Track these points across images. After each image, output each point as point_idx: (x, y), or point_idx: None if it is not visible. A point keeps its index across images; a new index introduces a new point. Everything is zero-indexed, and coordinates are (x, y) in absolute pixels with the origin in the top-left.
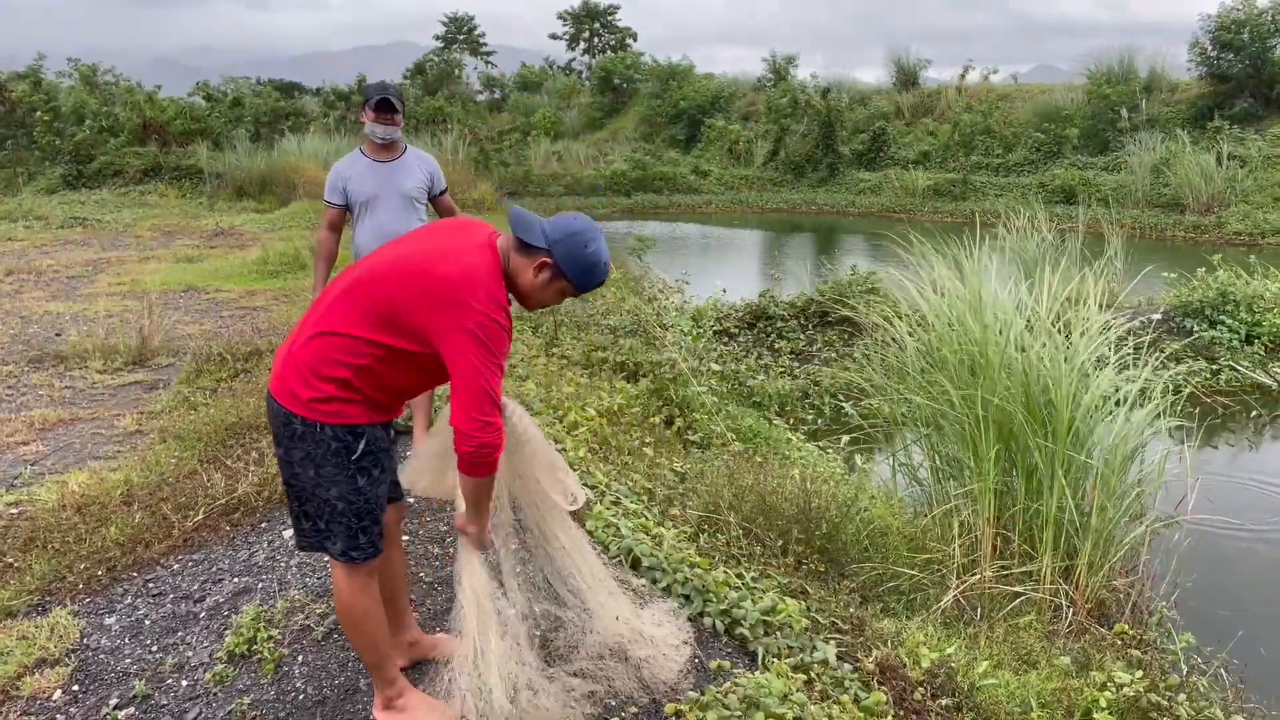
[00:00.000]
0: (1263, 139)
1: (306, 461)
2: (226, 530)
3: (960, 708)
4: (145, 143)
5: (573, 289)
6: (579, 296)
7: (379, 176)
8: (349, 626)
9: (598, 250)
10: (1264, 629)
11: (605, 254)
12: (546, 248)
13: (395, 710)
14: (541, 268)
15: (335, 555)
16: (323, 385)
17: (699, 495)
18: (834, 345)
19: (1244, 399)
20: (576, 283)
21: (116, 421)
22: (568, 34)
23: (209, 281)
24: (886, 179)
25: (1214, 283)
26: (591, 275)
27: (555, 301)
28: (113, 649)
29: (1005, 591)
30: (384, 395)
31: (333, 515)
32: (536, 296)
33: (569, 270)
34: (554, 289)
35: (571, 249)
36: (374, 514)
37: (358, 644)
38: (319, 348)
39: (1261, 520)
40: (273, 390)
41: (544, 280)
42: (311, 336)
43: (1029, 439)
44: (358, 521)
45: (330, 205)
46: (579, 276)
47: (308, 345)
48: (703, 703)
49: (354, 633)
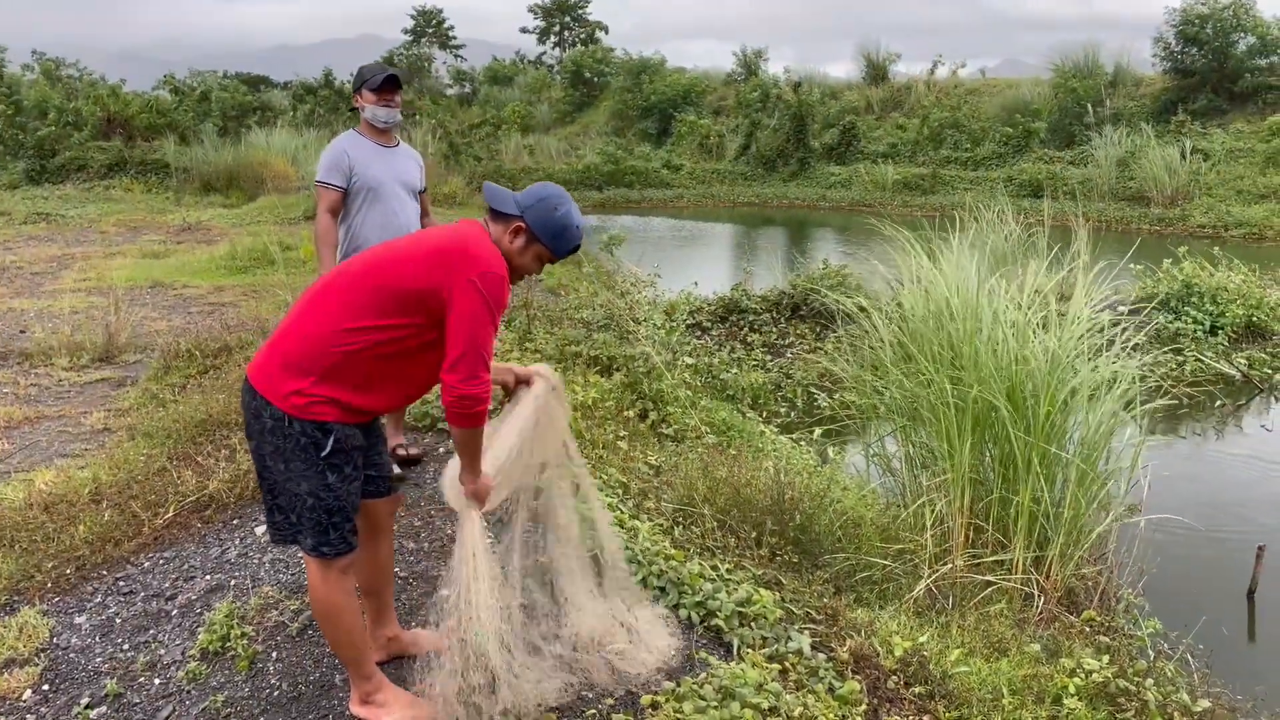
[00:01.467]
0: (1225, 133)
1: (276, 455)
2: (198, 527)
3: (933, 696)
4: (110, 137)
5: (548, 252)
6: (555, 261)
7: (386, 162)
8: (323, 621)
9: (568, 213)
10: (1227, 613)
11: (576, 217)
12: (519, 214)
13: (373, 705)
14: (516, 233)
15: (307, 550)
16: (301, 379)
17: (674, 488)
18: (806, 338)
19: (1208, 389)
20: (550, 246)
21: (84, 419)
22: (538, 28)
23: (176, 277)
24: (857, 173)
25: (1179, 275)
26: (564, 237)
27: (536, 268)
28: (83, 648)
29: (977, 580)
30: (362, 395)
31: (303, 510)
32: (516, 263)
33: (541, 234)
34: (531, 254)
35: (542, 213)
36: (344, 511)
37: (332, 639)
38: (309, 339)
39: (1222, 507)
40: (250, 377)
41: (520, 246)
42: (303, 328)
43: (1007, 430)
44: (328, 518)
45: (331, 187)
46: (552, 239)
47: (297, 336)
48: (679, 694)
49: (328, 627)
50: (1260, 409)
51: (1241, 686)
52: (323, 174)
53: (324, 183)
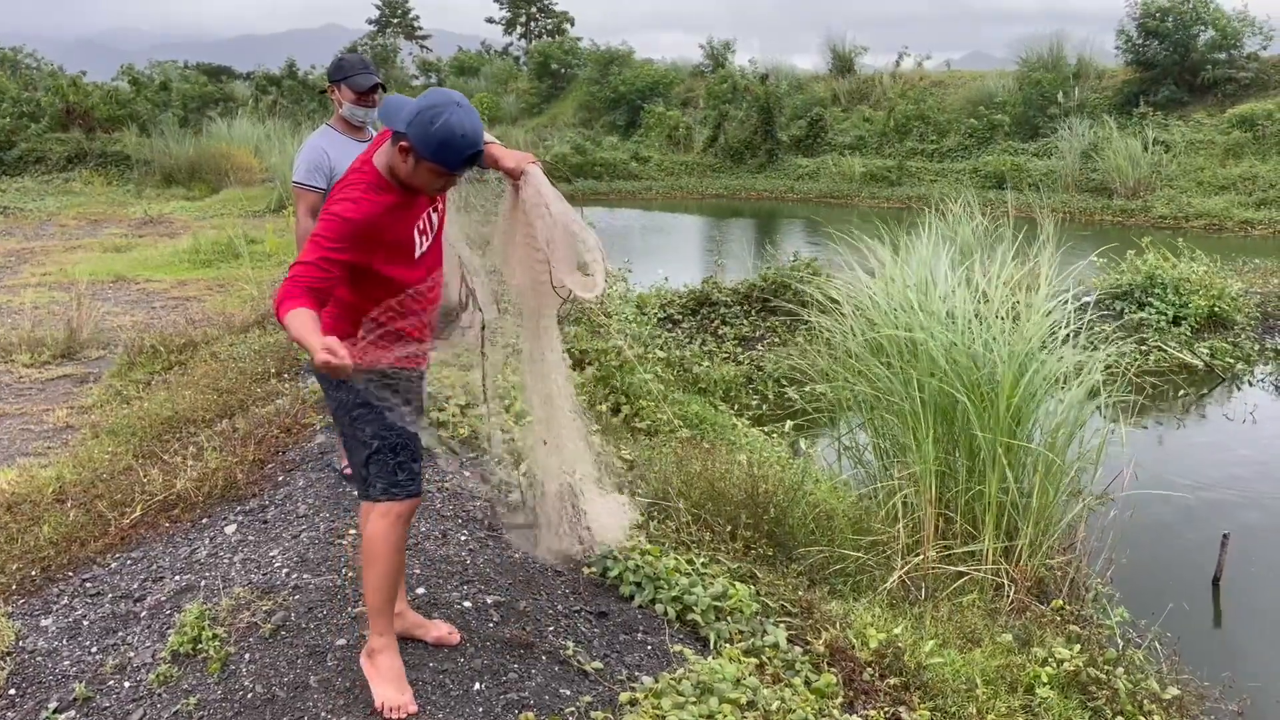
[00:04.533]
0: (1186, 125)
1: (340, 408)
2: (166, 527)
3: (908, 686)
4: (69, 128)
5: (439, 168)
6: (457, 174)
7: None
8: (367, 564)
9: (448, 122)
10: (1193, 600)
11: (463, 124)
12: (404, 131)
13: (372, 663)
14: (404, 153)
15: (377, 496)
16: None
17: (648, 482)
18: (777, 331)
19: (1172, 378)
20: (434, 160)
21: (46, 417)
22: (504, 18)
23: (139, 271)
24: (824, 165)
25: (1142, 266)
26: (445, 150)
27: (439, 184)
28: (50, 651)
29: (948, 571)
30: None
31: (370, 456)
32: (414, 183)
33: (424, 150)
34: (423, 171)
35: (420, 127)
36: (409, 449)
37: (367, 584)
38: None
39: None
40: None
41: (410, 165)
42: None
43: (971, 422)
44: (394, 457)
45: (311, 189)
46: (435, 153)
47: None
48: (656, 690)
49: (370, 572)
50: (1223, 398)
51: (1209, 673)
52: (303, 175)
53: (305, 185)
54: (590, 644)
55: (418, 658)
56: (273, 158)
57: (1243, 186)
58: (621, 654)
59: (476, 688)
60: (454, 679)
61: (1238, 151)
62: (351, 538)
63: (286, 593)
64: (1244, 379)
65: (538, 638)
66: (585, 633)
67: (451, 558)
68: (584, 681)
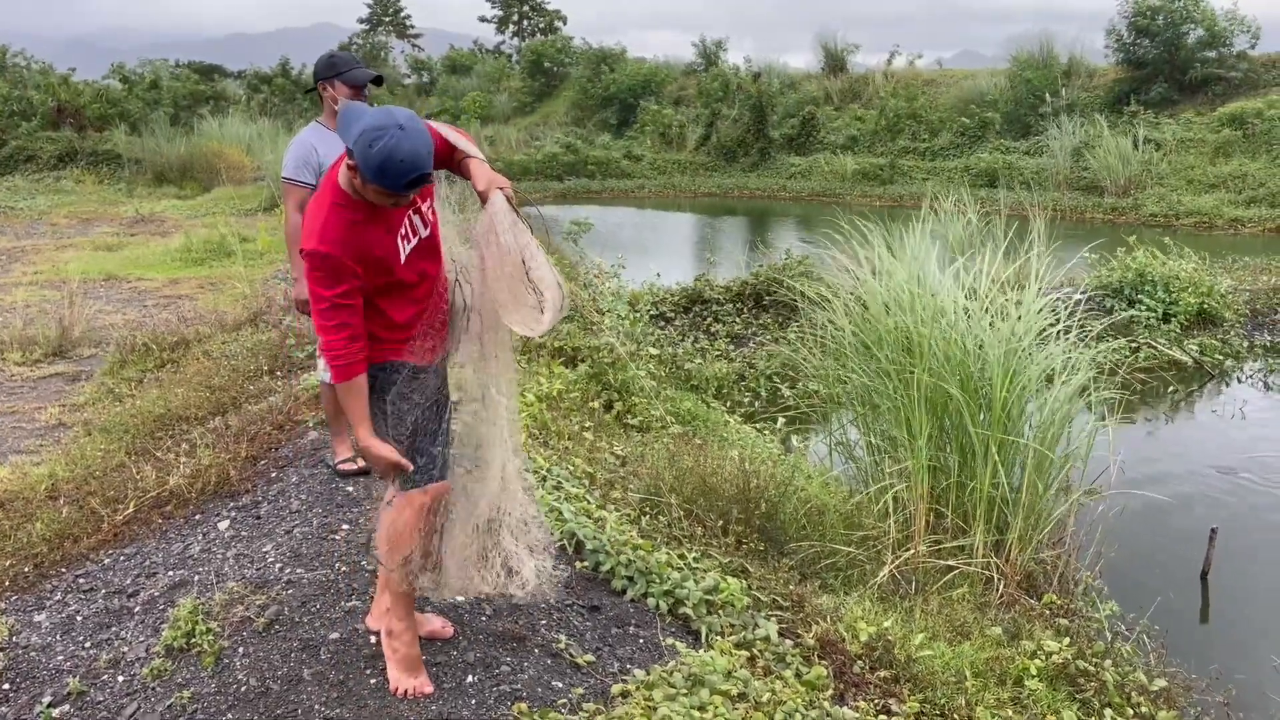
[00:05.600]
0: (1176, 123)
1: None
2: (159, 523)
3: (898, 679)
4: (60, 127)
5: (383, 191)
6: (401, 194)
7: None
8: (392, 549)
9: (385, 145)
10: (1181, 594)
11: (400, 149)
12: (351, 148)
13: (391, 646)
14: (351, 170)
15: (401, 486)
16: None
17: (640, 478)
18: (769, 328)
19: (1161, 375)
20: (375, 182)
21: (38, 414)
22: (496, 17)
23: (130, 270)
24: (816, 164)
25: (1132, 263)
26: (384, 174)
27: (389, 203)
28: (44, 646)
29: (939, 566)
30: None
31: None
32: (368, 198)
33: (365, 172)
34: (370, 190)
35: (361, 149)
36: (431, 434)
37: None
38: None
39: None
40: None
41: (360, 183)
42: None
43: (964, 417)
44: (410, 441)
45: (300, 185)
46: (375, 177)
47: None
48: (648, 682)
49: (393, 557)
50: (1212, 394)
51: (1196, 665)
52: (291, 170)
53: (294, 180)
54: (582, 637)
55: None
56: (265, 156)
57: (1232, 185)
58: (614, 647)
59: (470, 680)
60: (448, 671)
61: (1227, 150)
62: (344, 533)
63: (280, 587)
64: (1233, 375)
65: (530, 631)
66: (578, 626)
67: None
68: (576, 674)
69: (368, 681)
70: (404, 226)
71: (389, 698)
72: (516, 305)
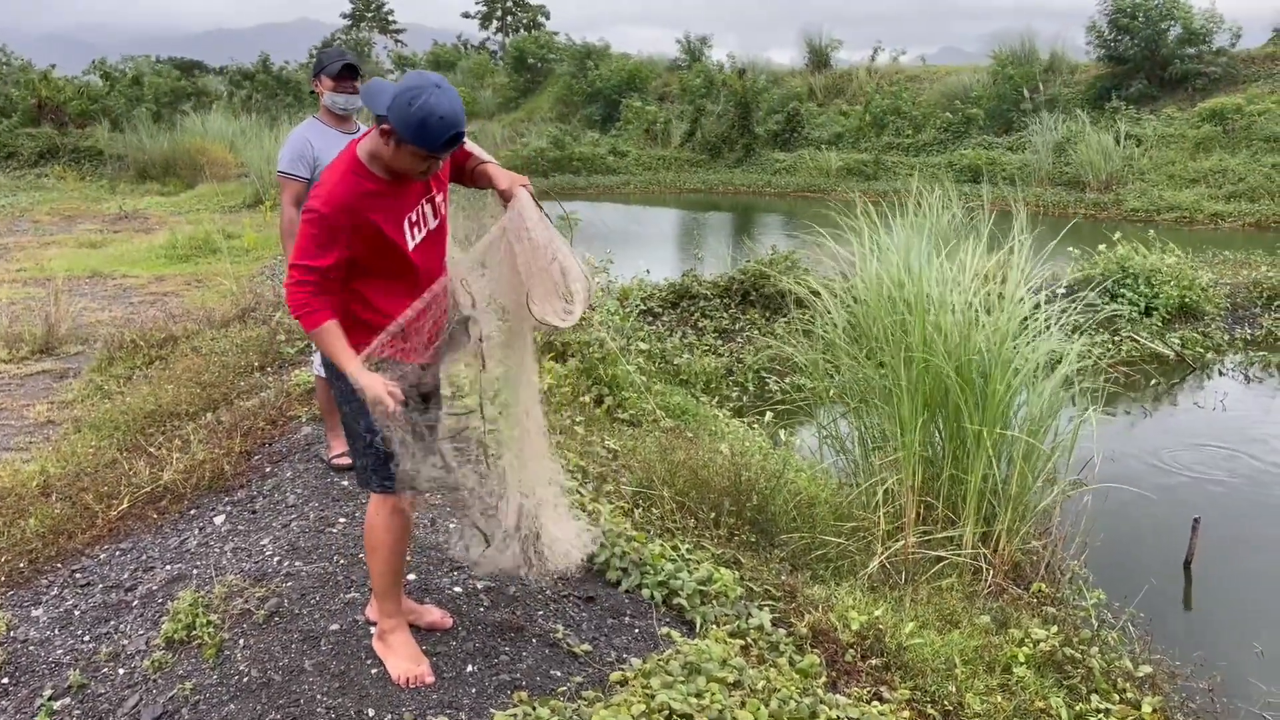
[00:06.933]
0: (1157, 119)
1: (342, 398)
2: (154, 518)
3: (889, 667)
4: (40, 123)
5: (420, 150)
6: (436, 156)
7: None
8: (370, 553)
9: (425, 103)
10: (1166, 582)
11: (440, 106)
12: (385, 113)
13: (384, 642)
14: (386, 135)
15: (374, 488)
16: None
17: (632, 471)
18: (757, 323)
19: (1144, 368)
20: (415, 142)
21: (26, 412)
22: (480, 13)
23: (115, 267)
24: (801, 159)
25: (1114, 258)
26: (425, 131)
27: (420, 167)
28: (42, 640)
29: (928, 556)
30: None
31: (365, 447)
32: (397, 167)
33: (404, 131)
34: (405, 154)
35: (399, 109)
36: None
37: (372, 570)
38: None
39: (1159, 481)
40: None
41: (392, 148)
42: None
43: (958, 409)
44: (386, 448)
45: (295, 179)
46: (414, 135)
47: None
48: (646, 670)
49: (373, 559)
50: (1193, 387)
51: (1181, 652)
52: (286, 164)
53: (288, 173)
54: (579, 627)
55: None
56: (248, 152)
57: (1213, 180)
58: (610, 637)
59: (469, 669)
60: (447, 661)
61: (1208, 145)
62: (341, 526)
63: (279, 580)
64: (1214, 368)
65: (528, 621)
66: (574, 616)
67: (442, 544)
68: (574, 663)
69: (369, 671)
70: (415, 212)
71: (390, 687)
72: (550, 298)
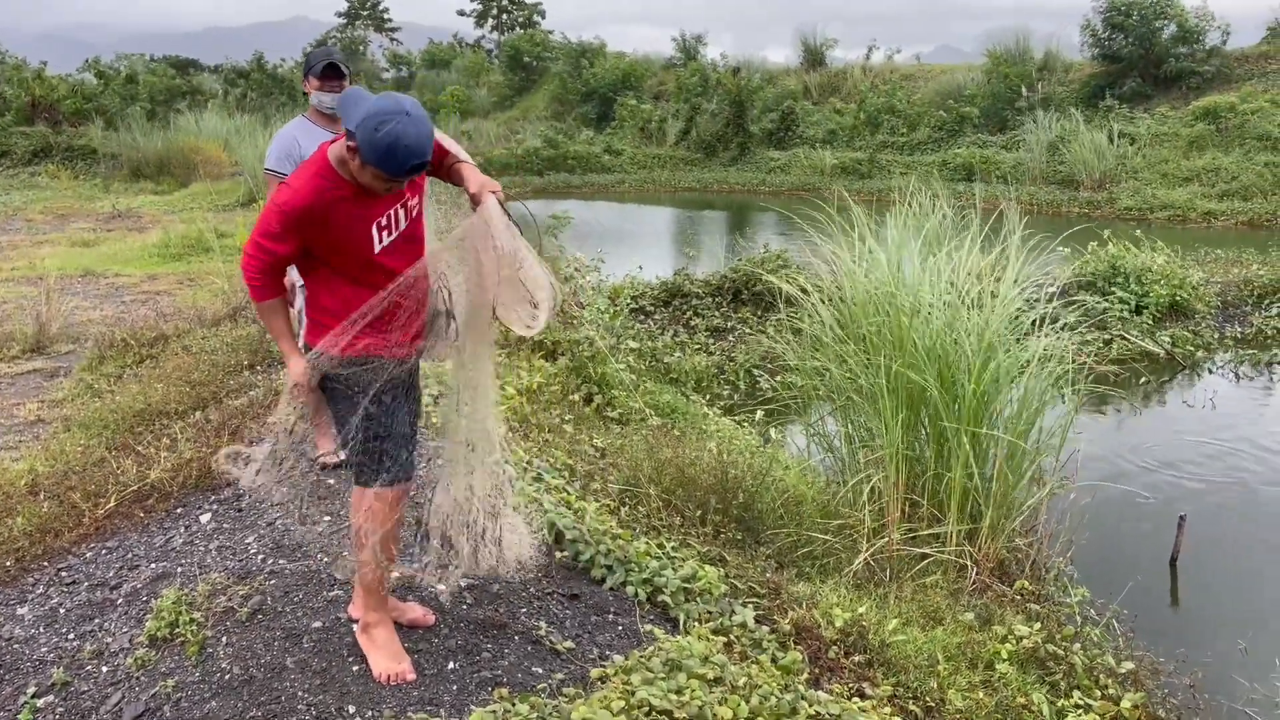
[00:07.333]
0: (1150, 117)
1: (332, 397)
2: (141, 517)
3: (872, 663)
4: (34, 122)
5: (381, 174)
6: (398, 180)
7: None
8: (357, 547)
9: (392, 130)
10: (1152, 579)
11: (407, 134)
12: (353, 131)
13: (368, 637)
14: (352, 153)
15: (364, 483)
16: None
17: (619, 469)
18: (749, 322)
19: (1134, 366)
20: (377, 166)
21: (16, 411)
22: (475, 11)
23: (108, 266)
24: (795, 158)
25: (1105, 256)
26: (389, 158)
27: (382, 188)
28: (27, 638)
29: (913, 554)
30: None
31: (356, 444)
32: (361, 182)
33: (367, 155)
34: (367, 173)
35: (366, 132)
36: (395, 437)
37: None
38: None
39: (1147, 479)
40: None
41: (358, 165)
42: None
43: (939, 408)
44: (378, 444)
45: (282, 176)
46: (377, 160)
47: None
48: (627, 666)
49: (358, 554)
50: (1183, 385)
51: (1165, 648)
52: (273, 162)
53: (275, 171)
54: (562, 625)
55: None
56: (242, 151)
57: (1206, 178)
58: (593, 634)
59: (451, 666)
60: (428, 658)
61: (1201, 144)
62: (326, 524)
63: (263, 578)
64: (1204, 366)
65: (511, 619)
66: (557, 614)
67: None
68: (556, 660)
69: (350, 669)
70: (385, 217)
71: (372, 684)
72: (515, 306)
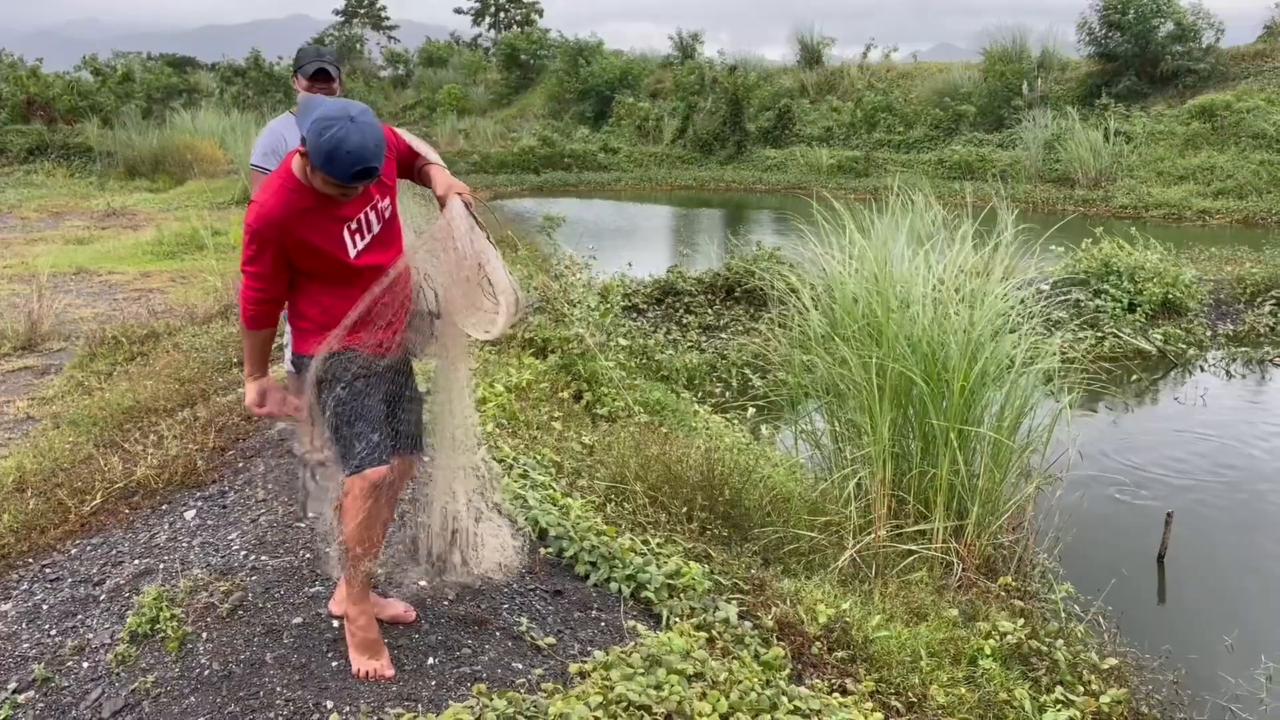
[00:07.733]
0: (1146, 116)
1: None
2: (126, 514)
3: (854, 660)
4: (29, 120)
5: (330, 180)
6: (348, 185)
7: None
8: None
9: (335, 135)
10: (1139, 576)
11: (349, 140)
12: (304, 135)
13: (349, 628)
14: (303, 157)
15: (345, 472)
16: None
17: (606, 466)
18: (741, 320)
19: (1126, 364)
20: (323, 170)
21: (6, 408)
22: (473, 9)
23: (101, 263)
24: (792, 156)
25: (1097, 254)
26: (332, 162)
27: (336, 194)
28: (9, 634)
29: (899, 550)
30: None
31: (332, 430)
32: (315, 188)
33: (314, 159)
34: (318, 179)
35: (312, 137)
36: (366, 420)
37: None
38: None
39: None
40: None
41: (309, 170)
42: None
43: (926, 405)
44: (350, 428)
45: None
46: (322, 164)
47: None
48: (606, 662)
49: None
50: (1175, 383)
51: (1150, 645)
52: (258, 158)
53: (260, 167)
54: (544, 621)
55: None
56: (238, 149)
57: (1201, 176)
58: (575, 630)
59: (430, 662)
60: (409, 654)
61: (1197, 142)
62: (309, 520)
63: (244, 574)
64: (1196, 364)
65: (492, 615)
66: (540, 610)
67: (407, 540)
68: (537, 656)
69: (329, 664)
70: (356, 221)
71: (350, 680)
72: (472, 309)
